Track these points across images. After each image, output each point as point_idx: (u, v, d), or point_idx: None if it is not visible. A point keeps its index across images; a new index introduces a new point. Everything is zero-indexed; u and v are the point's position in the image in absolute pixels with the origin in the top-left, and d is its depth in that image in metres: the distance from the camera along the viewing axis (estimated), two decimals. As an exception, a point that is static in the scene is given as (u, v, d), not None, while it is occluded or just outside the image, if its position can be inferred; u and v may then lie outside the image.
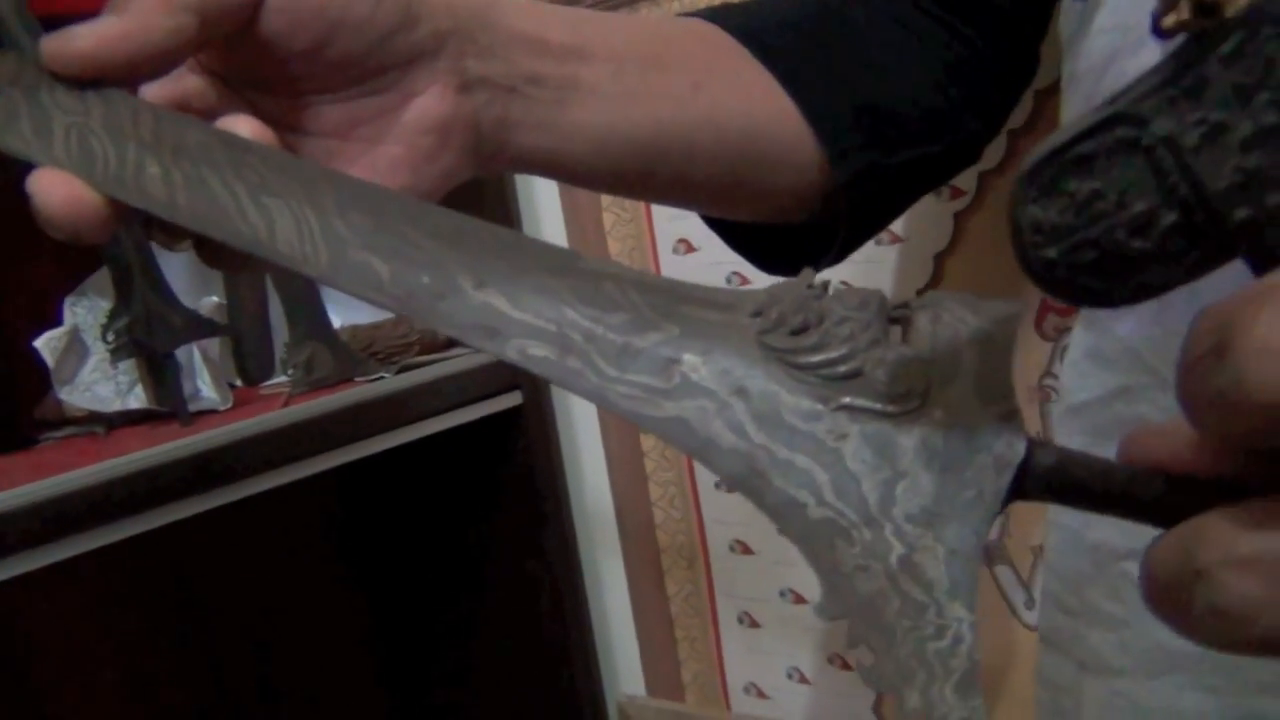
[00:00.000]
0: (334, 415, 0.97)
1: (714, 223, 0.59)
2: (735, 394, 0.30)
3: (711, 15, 0.53)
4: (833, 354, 0.30)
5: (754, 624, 1.09)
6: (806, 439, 0.29)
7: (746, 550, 1.07)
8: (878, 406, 0.29)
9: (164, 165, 0.33)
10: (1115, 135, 0.25)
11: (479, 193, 1.08)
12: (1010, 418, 0.29)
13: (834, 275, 0.93)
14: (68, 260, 0.98)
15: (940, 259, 0.88)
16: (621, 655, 1.19)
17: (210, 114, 0.37)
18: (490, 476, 1.17)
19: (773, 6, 0.56)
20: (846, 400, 0.29)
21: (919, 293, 0.90)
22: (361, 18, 0.37)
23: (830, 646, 1.04)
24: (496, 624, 1.22)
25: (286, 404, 0.99)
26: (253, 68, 0.38)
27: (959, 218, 0.87)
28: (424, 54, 0.39)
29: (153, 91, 0.37)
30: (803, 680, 1.07)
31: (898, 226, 0.90)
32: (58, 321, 1.00)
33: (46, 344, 0.98)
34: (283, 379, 1.08)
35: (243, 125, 0.35)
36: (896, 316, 0.31)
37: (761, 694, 1.10)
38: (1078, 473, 0.29)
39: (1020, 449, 0.28)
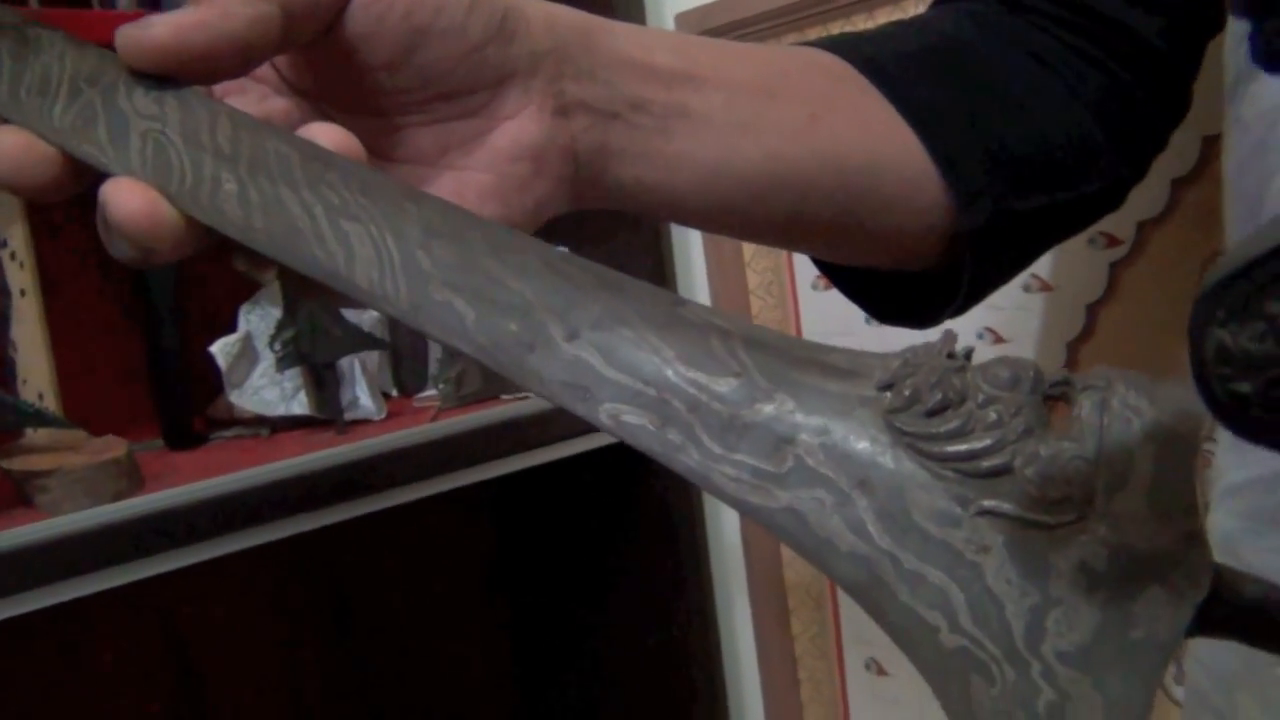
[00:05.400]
0: (480, 432, 0.95)
1: (827, 266, 0.52)
2: (857, 486, 0.24)
3: (831, 44, 0.46)
4: (976, 444, 0.23)
5: (881, 671, 1.01)
6: (940, 548, 0.23)
7: (875, 595, 0.99)
8: (1028, 515, 0.23)
9: (240, 181, 0.29)
10: None
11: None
12: (1193, 540, 0.22)
13: (977, 322, 0.86)
14: (248, 271, 0.99)
15: (1094, 309, 0.79)
16: (749, 691, 1.12)
17: None
18: (629, 500, 1.12)
19: (896, 37, 0.48)
20: (990, 504, 0.23)
21: (1070, 346, 0.81)
22: (451, 25, 0.32)
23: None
24: (628, 643, 1.18)
25: (435, 418, 0.97)
26: (337, 82, 0.33)
27: (1115, 268, 0.78)
28: (518, 73, 0.34)
29: None
30: (929, 732, 0.98)
31: (1048, 274, 0.82)
32: (234, 328, 1.00)
33: (221, 349, 0.99)
34: (434, 392, 1.06)
35: (326, 134, 0.30)
36: (1054, 394, 0.24)
37: (886, 744, 1.02)
38: (1278, 615, 0.22)
39: (1205, 581, 0.21)
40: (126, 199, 0.28)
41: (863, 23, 0.88)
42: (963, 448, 0.23)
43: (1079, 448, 0.23)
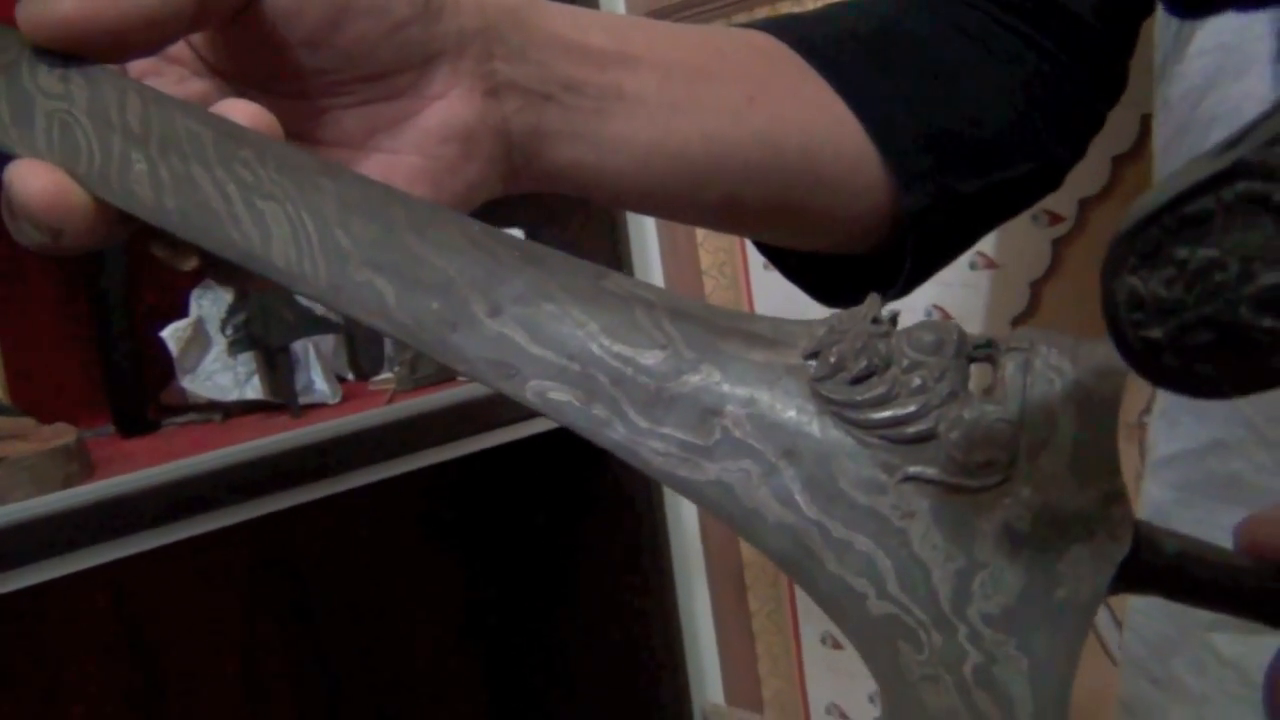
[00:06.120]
0: (436, 414, 0.94)
1: (770, 251, 0.51)
2: (784, 456, 0.23)
3: (767, 26, 0.46)
4: (900, 410, 0.23)
5: (837, 645, 1.01)
6: (867, 516, 0.23)
7: (829, 570, 0.99)
8: (952, 479, 0.22)
9: (151, 160, 0.27)
10: (1237, 190, 0.18)
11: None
12: (1114, 500, 0.22)
13: (925, 299, 0.86)
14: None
15: (1037, 286, 0.80)
16: (708, 665, 1.12)
17: None
18: (586, 481, 1.12)
19: (833, 18, 0.47)
20: (915, 470, 0.23)
21: (1015, 322, 0.81)
22: (374, 2, 0.31)
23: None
24: (588, 623, 1.18)
25: (391, 400, 0.96)
26: (258, 62, 0.32)
27: (1058, 244, 0.78)
28: (445, 52, 0.33)
29: None
30: (883, 704, 0.99)
31: (992, 251, 0.82)
32: (184, 312, 0.99)
33: (173, 334, 0.97)
34: (389, 375, 1.05)
35: (240, 111, 0.29)
36: (978, 357, 0.24)
37: (844, 715, 1.02)
38: (1197, 570, 0.22)
39: (1127, 540, 0.21)
40: (31, 180, 0.27)
41: (812, 3, 0.88)
42: (887, 414, 0.23)
43: (1002, 410, 0.22)
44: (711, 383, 0.24)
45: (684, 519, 1.11)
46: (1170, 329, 0.19)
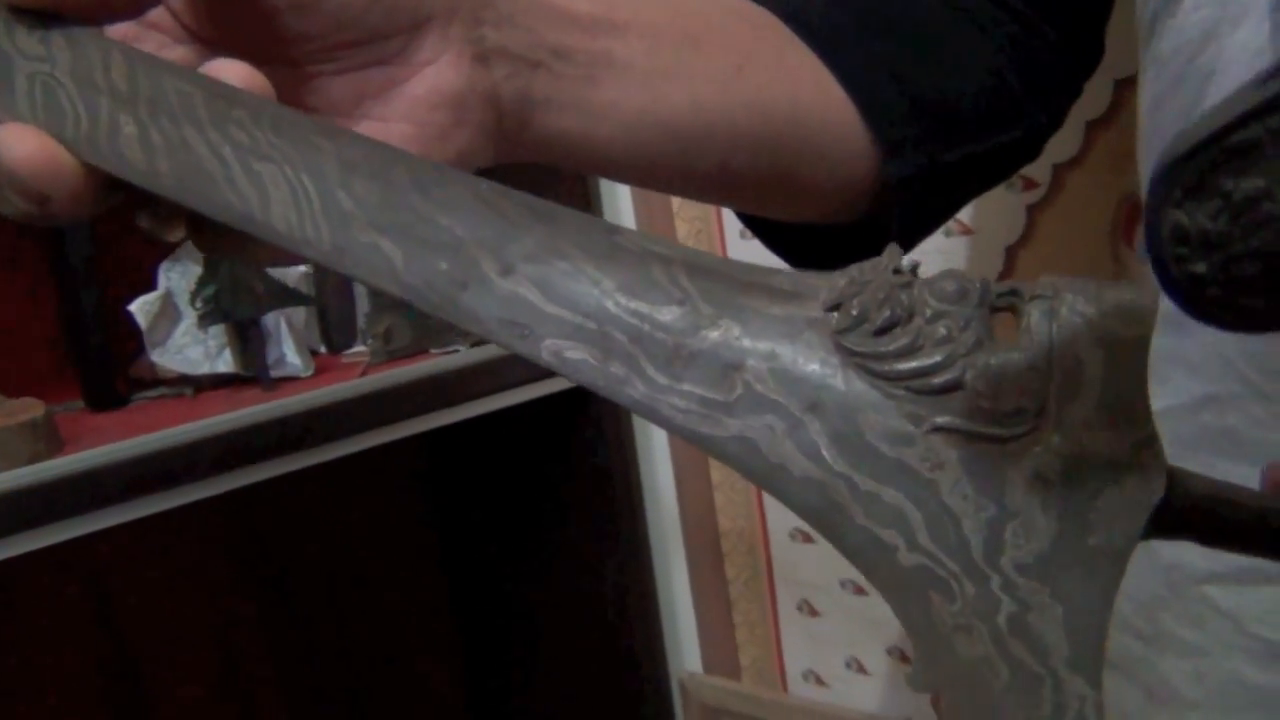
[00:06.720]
0: (409, 386, 0.93)
1: (752, 221, 0.50)
2: (809, 410, 0.23)
3: None
4: (926, 361, 0.23)
5: (813, 612, 1.02)
6: (895, 468, 0.22)
7: (807, 539, 1.00)
8: (981, 429, 0.22)
9: (141, 123, 0.26)
10: None
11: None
12: (1146, 444, 0.22)
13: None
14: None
15: (1012, 251, 0.80)
16: (685, 634, 1.13)
17: None
18: (562, 452, 1.11)
19: None
20: (942, 420, 0.22)
21: (991, 285, 0.81)
22: None
23: (891, 639, 0.96)
24: (566, 592, 1.18)
25: (364, 373, 0.95)
26: (242, 27, 0.31)
27: (1032, 210, 0.79)
28: (434, 17, 0.32)
29: None
30: (862, 671, 0.99)
31: (968, 217, 0.82)
32: (153, 286, 0.97)
33: (141, 308, 0.95)
34: (363, 348, 1.03)
35: (229, 71, 0.28)
36: (1001, 305, 0.24)
37: (820, 681, 1.03)
38: (1227, 513, 0.21)
39: (1159, 485, 0.21)
40: (17, 145, 0.26)
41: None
42: (913, 365, 0.23)
43: (1029, 358, 0.22)
44: (731, 338, 0.24)
45: (661, 487, 1.10)
46: (1216, 262, 0.18)
